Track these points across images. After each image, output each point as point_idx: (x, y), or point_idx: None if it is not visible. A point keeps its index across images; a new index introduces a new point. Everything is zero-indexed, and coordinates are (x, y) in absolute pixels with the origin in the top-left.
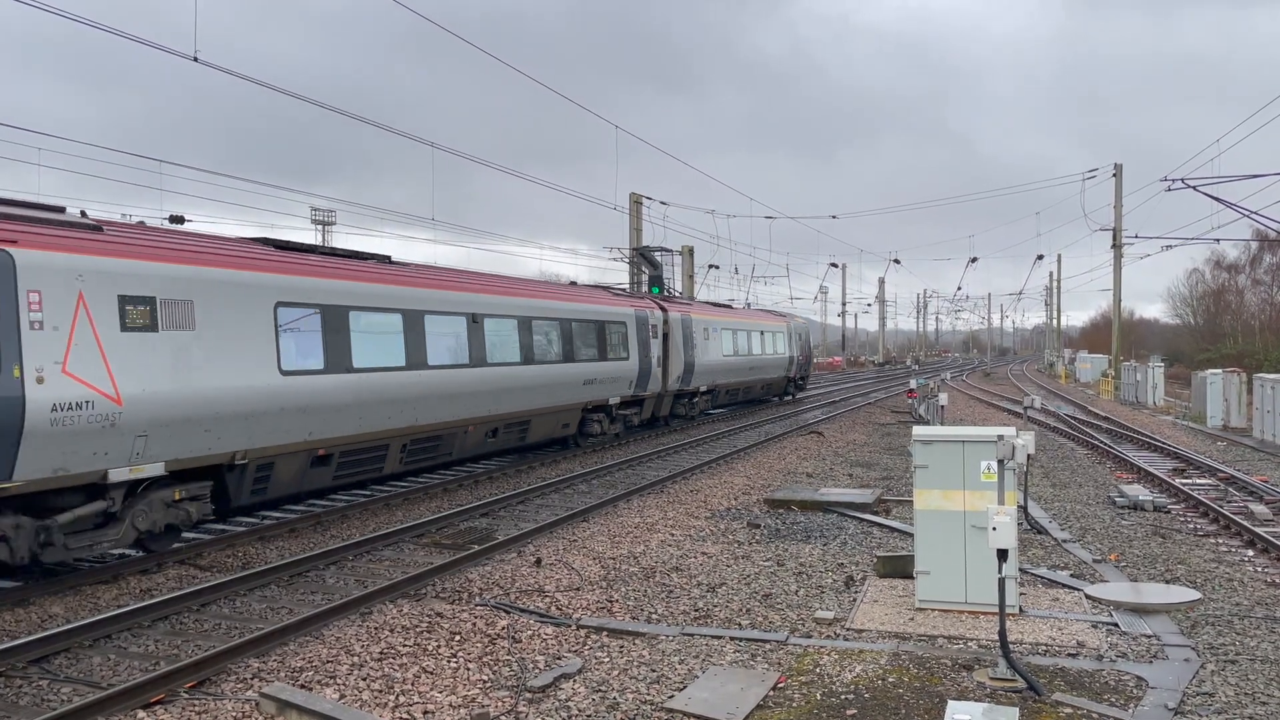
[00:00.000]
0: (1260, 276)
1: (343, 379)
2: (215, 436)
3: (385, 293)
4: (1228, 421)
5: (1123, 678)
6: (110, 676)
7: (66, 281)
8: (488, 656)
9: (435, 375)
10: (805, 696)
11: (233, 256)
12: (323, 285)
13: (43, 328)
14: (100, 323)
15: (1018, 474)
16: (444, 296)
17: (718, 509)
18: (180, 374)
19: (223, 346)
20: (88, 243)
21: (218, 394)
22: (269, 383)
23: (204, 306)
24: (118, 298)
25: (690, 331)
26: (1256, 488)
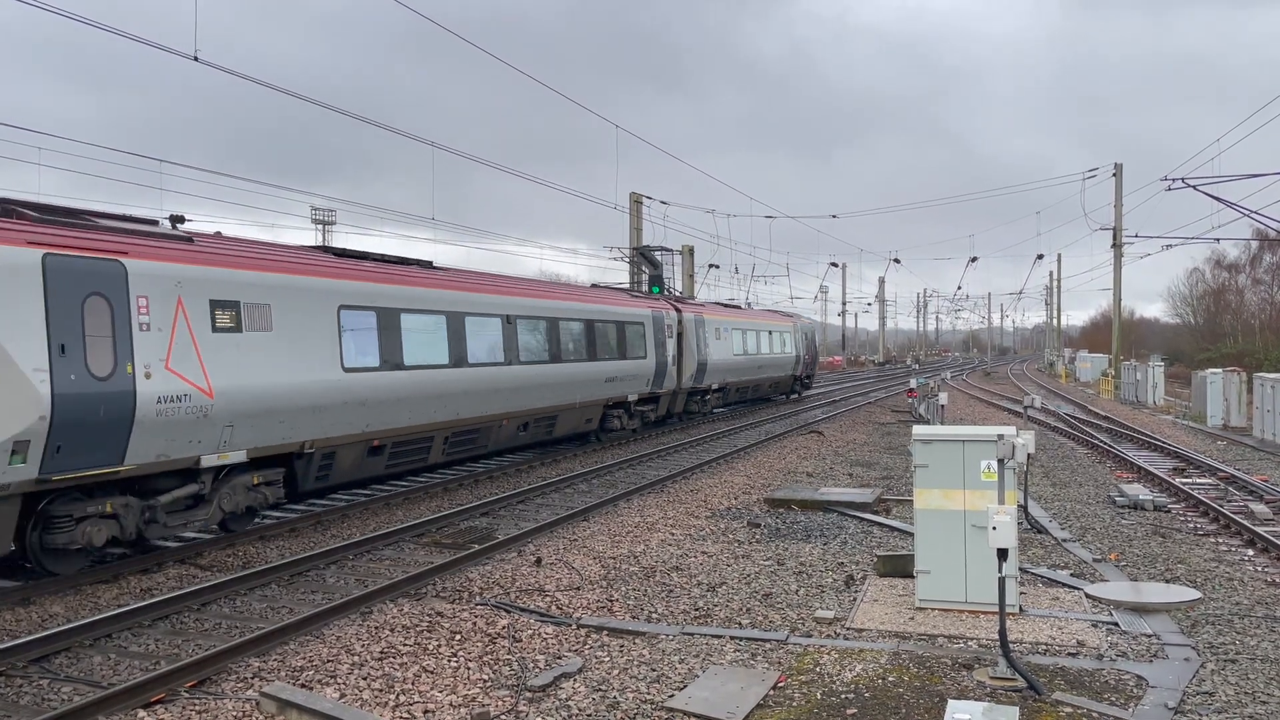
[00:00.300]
0: (1260, 276)
1: (395, 375)
2: (288, 427)
3: (431, 296)
4: (1228, 421)
5: (1123, 677)
6: (111, 676)
7: (168, 288)
8: (488, 656)
9: (475, 373)
10: (805, 696)
11: (301, 264)
12: (378, 289)
13: (149, 329)
14: (195, 324)
15: (1018, 473)
16: (482, 299)
17: (718, 508)
18: (260, 371)
19: (295, 346)
20: (183, 252)
21: (291, 389)
22: (333, 379)
23: (279, 310)
24: (209, 302)
25: (703, 331)
26: (1257, 487)
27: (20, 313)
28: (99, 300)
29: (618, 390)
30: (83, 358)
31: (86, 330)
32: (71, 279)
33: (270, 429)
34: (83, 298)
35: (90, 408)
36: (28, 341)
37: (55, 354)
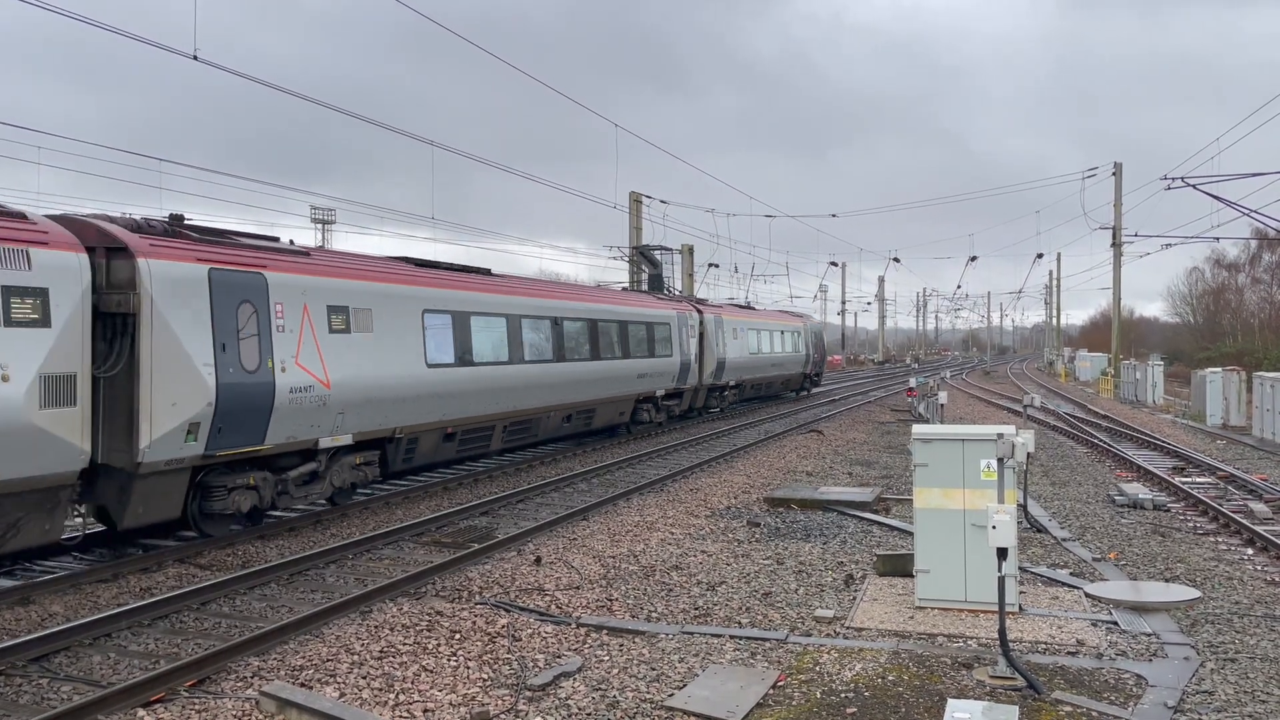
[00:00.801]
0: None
1: (466, 371)
2: (384, 415)
3: (493, 300)
4: (1227, 420)
5: (1122, 676)
6: (110, 675)
7: (296, 295)
8: (488, 655)
9: (529, 369)
10: (805, 695)
11: (394, 273)
12: (452, 295)
13: (284, 330)
14: (317, 326)
15: (1017, 472)
16: (534, 303)
17: (717, 507)
18: (365, 366)
19: (390, 345)
20: (305, 265)
21: (387, 382)
22: (419, 374)
23: (379, 314)
24: (327, 307)
25: (722, 331)
26: (1256, 486)
27: (194, 318)
28: (248, 306)
29: (648, 386)
30: (237, 355)
31: (240, 332)
32: (229, 289)
33: (371, 416)
34: (237, 305)
35: (243, 396)
36: (200, 341)
37: (218, 351)
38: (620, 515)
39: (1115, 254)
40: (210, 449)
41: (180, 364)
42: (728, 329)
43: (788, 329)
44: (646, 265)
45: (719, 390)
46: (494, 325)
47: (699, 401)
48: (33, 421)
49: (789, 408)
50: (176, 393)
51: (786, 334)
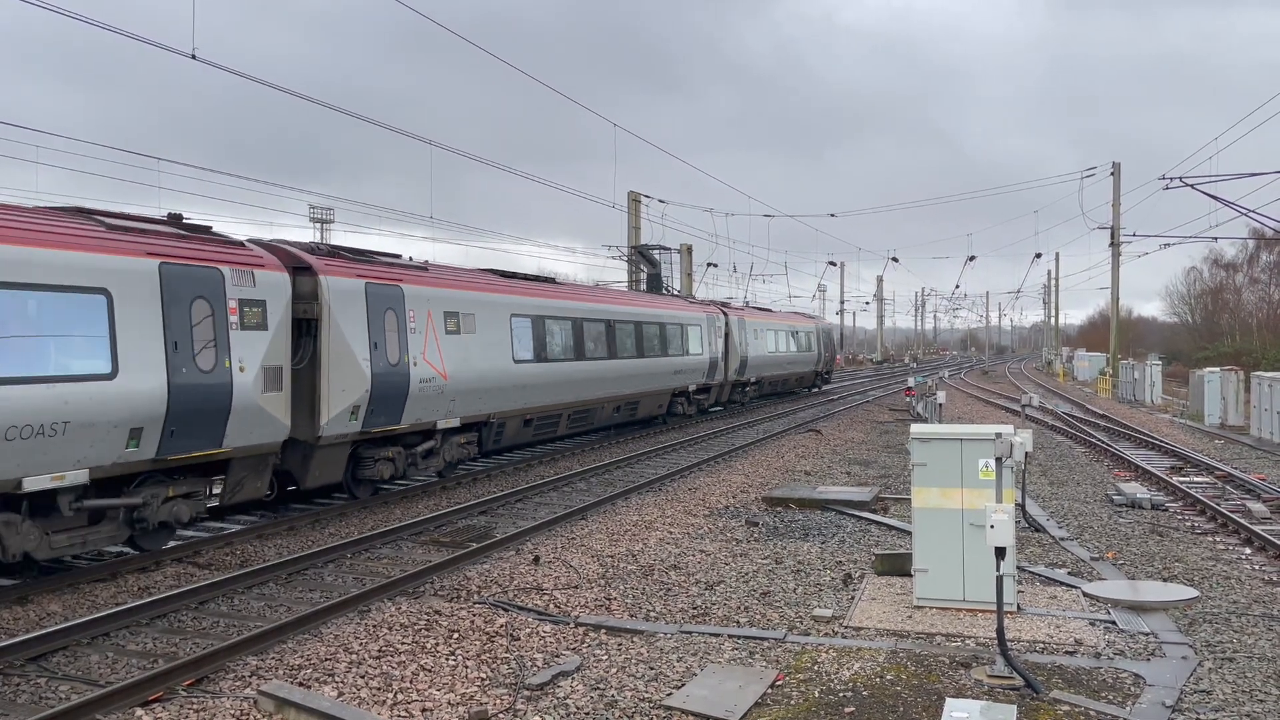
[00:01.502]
0: (1258, 275)
1: (542, 366)
2: (482, 403)
3: (562, 305)
4: (1225, 420)
5: (1120, 675)
6: (108, 674)
7: (423, 303)
8: (486, 654)
9: (589, 365)
10: (803, 694)
11: (488, 284)
12: (531, 301)
13: (415, 332)
14: (437, 329)
15: (1016, 472)
16: (592, 307)
17: (716, 507)
18: (470, 361)
19: (487, 344)
20: (427, 278)
21: (486, 374)
22: (508, 368)
23: (479, 318)
24: (443, 313)
25: (744, 332)
26: (1254, 486)
27: (356, 322)
28: (391, 313)
29: (682, 381)
30: (385, 351)
31: (386, 333)
32: (378, 299)
33: (473, 404)
34: (384, 311)
35: (389, 385)
36: (360, 341)
37: (372, 349)
38: (619, 515)
39: (1113, 254)
40: (365, 427)
41: (347, 359)
42: (749, 330)
43: (802, 329)
44: (645, 265)
45: (742, 386)
46: (563, 327)
47: (724, 396)
48: (257, 403)
49: (788, 406)
50: (345, 382)
51: (801, 334)
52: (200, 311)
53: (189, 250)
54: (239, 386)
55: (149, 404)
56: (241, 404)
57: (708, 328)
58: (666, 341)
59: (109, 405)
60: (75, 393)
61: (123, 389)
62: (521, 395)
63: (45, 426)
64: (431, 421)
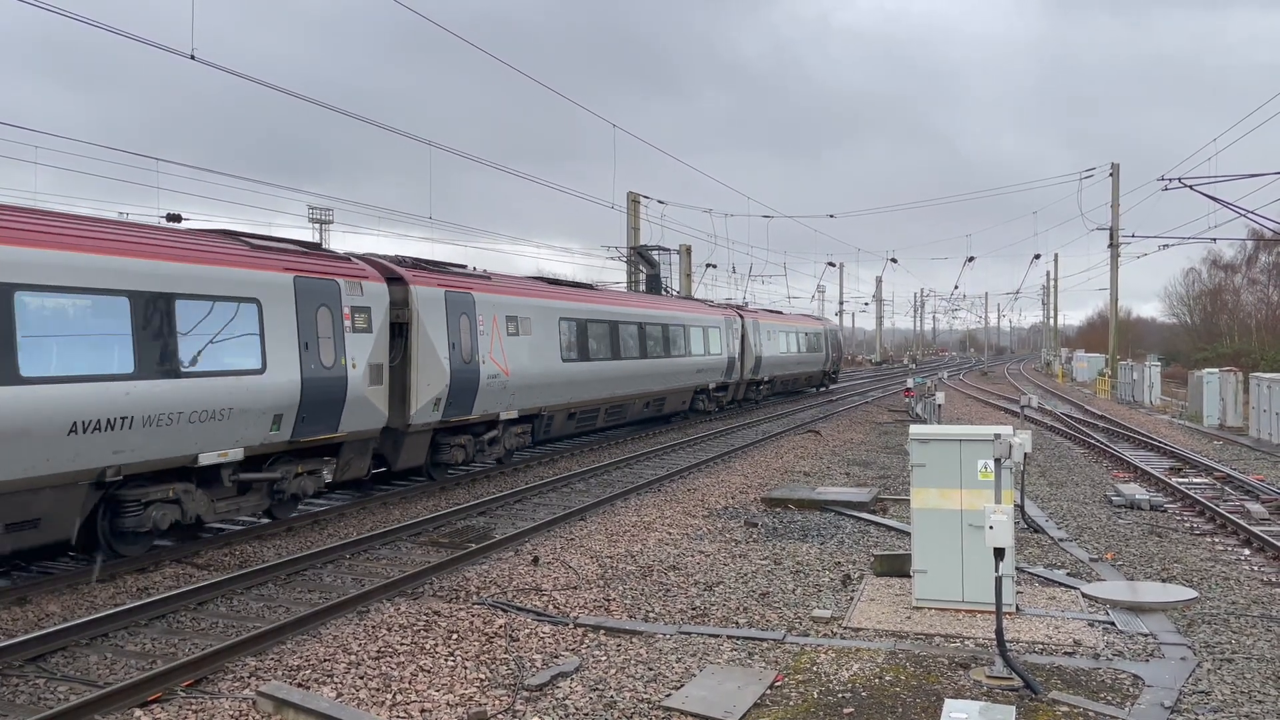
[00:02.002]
0: (1256, 276)
1: (585, 365)
2: (536, 397)
3: (601, 310)
4: (1224, 420)
5: (1119, 676)
6: (107, 675)
7: (490, 309)
8: (485, 655)
9: (624, 364)
10: (802, 695)
11: (541, 290)
12: (575, 306)
13: (484, 334)
14: (501, 331)
15: (1015, 473)
16: (625, 310)
17: (715, 508)
18: (527, 360)
19: (540, 344)
20: (492, 286)
21: (539, 372)
22: (557, 366)
23: (534, 321)
24: (505, 317)
25: (758, 334)
26: (1253, 486)
27: (438, 325)
28: (464, 317)
29: (703, 379)
30: (460, 351)
31: (461, 335)
32: (455, 305)
33: (529, 398)
34: (459, 316)
35: (464, 380)
36: (441, 341)
37: (450, 349)
38: (618, 515)
39: (1112, 255)
40: (444, 417)
41: (432, 357)
42: (763, 332)
43: (811, 331)
44: (644, 265)
45: (756, 384)
46: (602, 329)
47: (740, 394)
48: (365, 394)
49: (787, 408)
50: (430, 377)
51: (811, 335)
52: (323, 317)
53: (314, 265)
54: (352, 381)
55: (288, 395)
56: (353, 396)
57: (726, 330)
58: (690, 343)
59: (261, 395)
60: (239, 384)
61: (270, 382)
62: (568, 391)
63: (217, 412)
64: (495, 413)
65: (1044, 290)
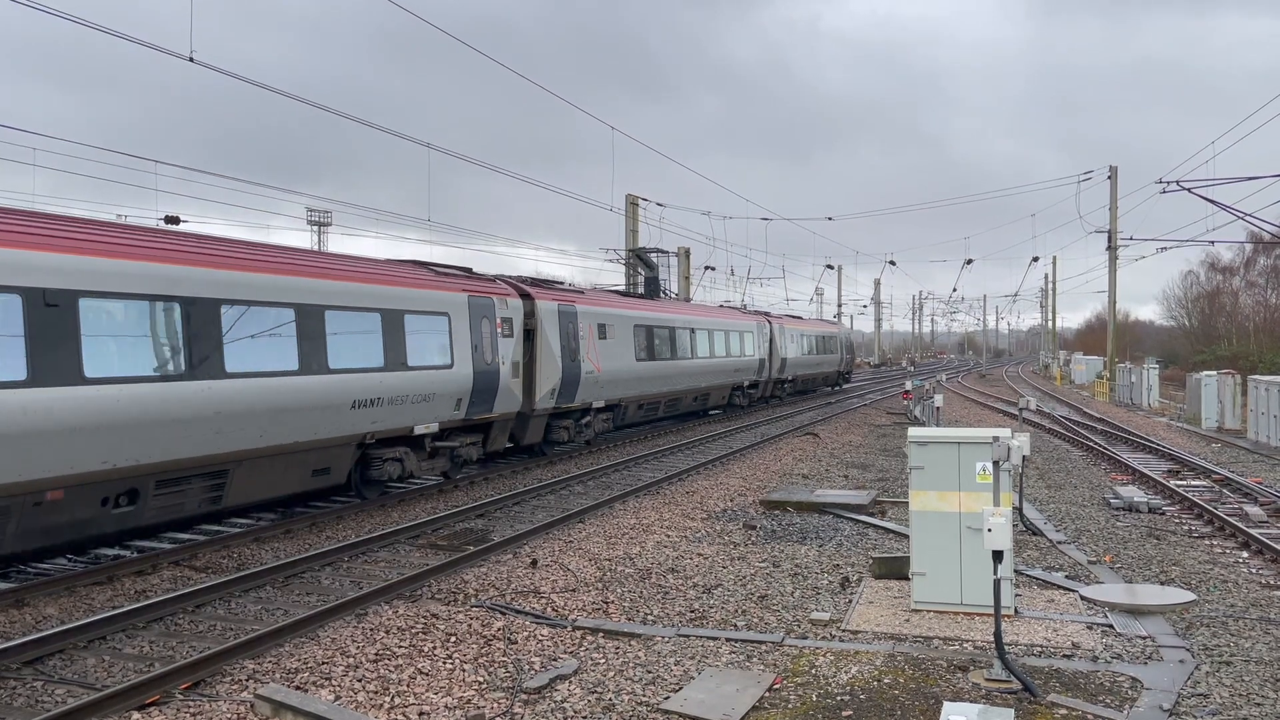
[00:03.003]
0: (1254, 279)
1: (653, 364)
2: (617, 390)
3: (662, 317)
4: (1223, 423)
5: (1118, 679)
6: (105, 678)
7: (587, 318)
8: (483, 658)
9: (681, 363)
10: (801, 698)
11: (620, 302)
12: (643, 314)
13: (583, 338)
14: (594, 336)
15: (1013, 475)
16: (683, 318)
17: (714, 510)
18: (611, 360)
19: (620, 347)
20: (585, 298)
21: (620, 369)
22: (632, 365)
23: (614, 327)
24: (597, 324)
25: (784, 337)
26: (1251, 489)
27: (554, 331)
28: (570, 325)
29: (739, 378)
30: (568, 351)
31: (569, 339)
32: (565, 316)
33: (612, 391)
34: (567, 324)
35: (571, 374)
36: (556, 345)
37: (561, 350)
38: (616, 518)
39: (1110, 257)
40: (556, 404)
41: (550, 357)
42: (788, 336)
43: (828, 335)
44: (643, 268)
45: (782, 383)
46: (664, 334)
47: (768, 391)
48: (509, 385)
49: (786, 409)
50: (548, 372)
51: (827, 338)
52: (485, 326)
53: (477, 286)
54: (502, 374)
55: (466, 384)
56: (503, 385)
57: (757, 333)
58: (730, 345)
59: (450, 384)
60: (437, 376)
61: (456, 374)
62: (638, 385)
63: (425, 396)
64: (589, 402)
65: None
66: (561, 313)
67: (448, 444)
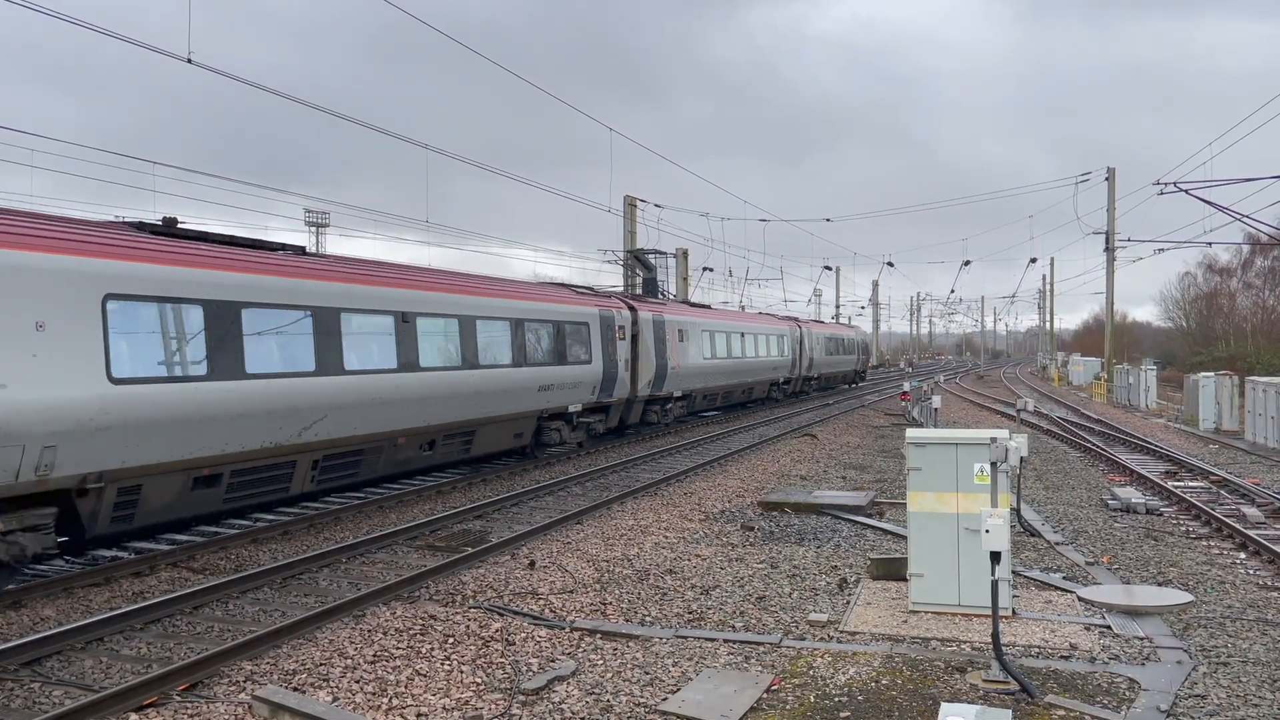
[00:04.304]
0: (1252, 280)
1: (715, 362)
2: (690, 383)
3: (721, 324)
4: (1220, 424)
5: (1115, 680)
6: (103, 679)
7: (671, 325)
8: (481, 659)
9: (736, 361)
10: (799, 699)
11: (694, 312)
12: (709, 321)
13: (668, 341)
14: (676, 339)
15: (1011, 476)
16: (731, 324)
17: (712, 511)
18: (687, 359)
19: (693, 347)
20: (669, 309)
21: (693, 367)
22: (702, 363)
23: (690, 333)
24: (678, 330)
25: (810, 340)
26: (1248, 490)
27: (649, 336)
28: (660, 331)
29: (776, 375)
30: (660, 352)
31: (659, 341)
32: (657, 325)
33: (688, 383)
34: (659, 330)
35: (661, 369)
36: (652, 345)
37: (655, 351)
38: (614, 519)
39: (1108, 258)
40: (651, 393)
41: (647, 355)
42: (814, 338)
43: (848, 337)
44: (641, 269)
45: (809, 380)
46: (723, 338)
47: (798, 387)
48: (623, 376)
49: (783, 410)
50: (646, 368)
51: (846, 340)
52: (609, 332)
53: (604, 302)
54: (619, 369)
55: (598, 375)
56: (620, 378)
57: (789, 336)
58: (770, 347)
59: (590, 375)
60: (584, 369)
61: (594, 368)
62: (706, 379)
63: (577, 383)
64: (672, 392)
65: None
66: (655, 321)
67: (586, 420)
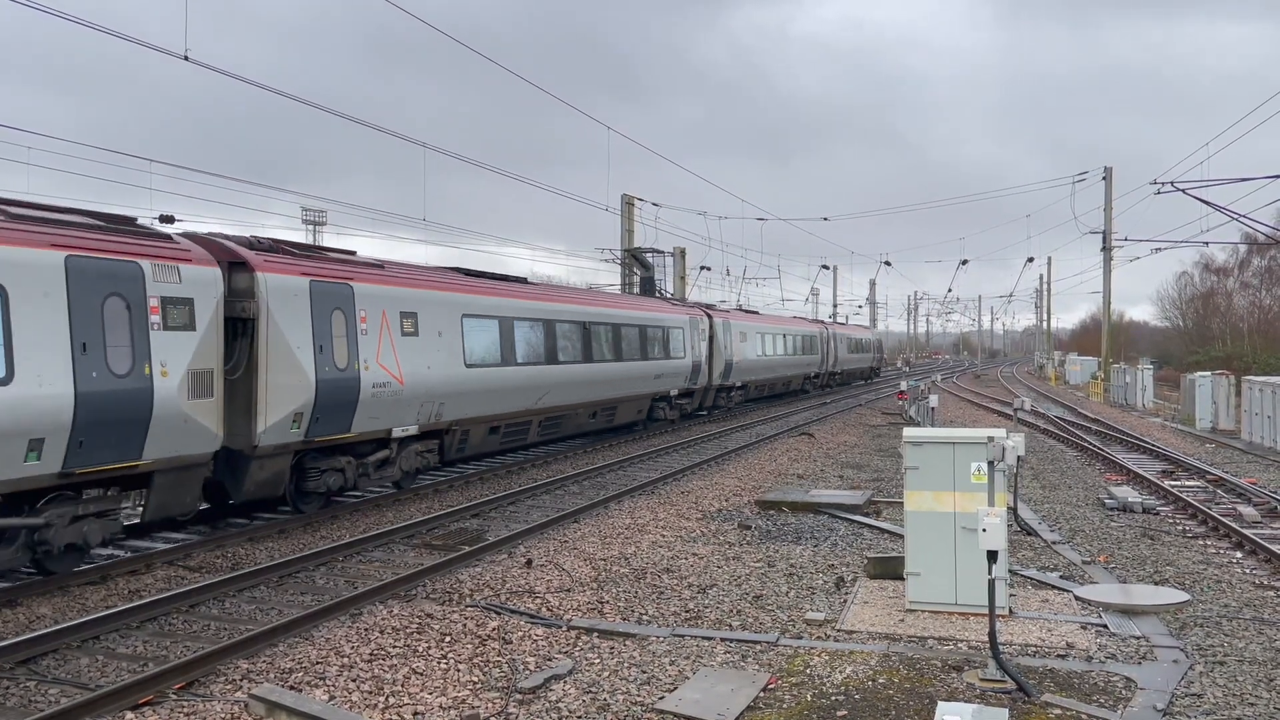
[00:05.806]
0: (1248, 279)
1: (766, 358)
2: (746, 374)
3: (769, 327)
4: (1217, 424)
5: (1112, 679)
6: (99, 678)
7: (735, 327)
8: (478, 658)
9: (780, 358)
10: (796, 697)
11: (745, 317)
12: (760, 326)
13: (728, 339)
14: (735, 337)
15: (1008, 476)
16: (775, 328)
17: (709, 510)
18: (745, 355)
19: (749, 346)
20: (733, 315)
21: (750, 361)
22: (756, 359)
23: (748, 334)
24: (739, 332)
25: (834, 339)
26: (1245, 490)
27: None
28: (729, 331)
29: (808, 370)
30: (729, 349)
31: (729, 341)
32: (726, 326)
33: (746, 375)
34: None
35: (728, 365)
36: (724, 344)
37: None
38: (611, 518)
39: (1105, 258)
40: (721, 382)
41: (720, 352)
42: (837, 338)
43: (865, 338)
44: (639, 268)
45: (833, 374)
46: (772, 337)
47: (825, 380)
48: (704, 369)
49: (781, 410)
50: (719, 362)
51: (864, 339)
52: (696, 334)
53: (691, 310)
54: (701, 362)
55: (689, 367)
56: (701, 369)
57: (819, 337)
58: (801, 345)
59: (684, 367)
60: (680, 362)
61: (686, 361)
62: (759, 372)
63: (676, 374)
64: (733, 383)
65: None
66: (724, 325)
67: (680, 400)
